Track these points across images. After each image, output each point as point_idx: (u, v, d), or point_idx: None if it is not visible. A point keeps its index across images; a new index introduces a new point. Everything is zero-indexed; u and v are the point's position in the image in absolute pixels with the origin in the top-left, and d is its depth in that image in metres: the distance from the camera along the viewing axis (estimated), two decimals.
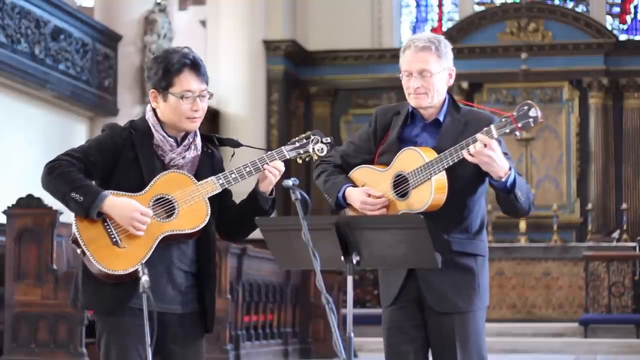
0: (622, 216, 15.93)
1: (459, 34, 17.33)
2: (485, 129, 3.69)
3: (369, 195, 3.90)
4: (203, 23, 17.55)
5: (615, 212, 16.71)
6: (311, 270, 3.80)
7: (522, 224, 15.23)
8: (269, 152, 3.80)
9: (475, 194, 3.89)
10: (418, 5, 18.94)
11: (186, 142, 3.78)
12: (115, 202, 3.63)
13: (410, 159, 3.83)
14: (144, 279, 3.44)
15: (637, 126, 17.11)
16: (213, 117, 16.02)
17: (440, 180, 3.77)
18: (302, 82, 17.84)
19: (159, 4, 13.52)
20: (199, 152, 3.81)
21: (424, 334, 3.91)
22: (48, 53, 11.86)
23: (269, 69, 17.08)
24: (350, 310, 3.47)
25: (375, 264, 3.72)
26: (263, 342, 10.07)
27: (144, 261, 3.61)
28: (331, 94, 17.92)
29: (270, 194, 3.84)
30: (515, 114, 3.67)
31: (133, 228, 3.62)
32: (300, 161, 3.87)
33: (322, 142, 3.84)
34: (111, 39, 13.23)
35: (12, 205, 7.72)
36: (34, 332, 7.53)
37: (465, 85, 17.00)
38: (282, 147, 3.84)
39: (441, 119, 3.93)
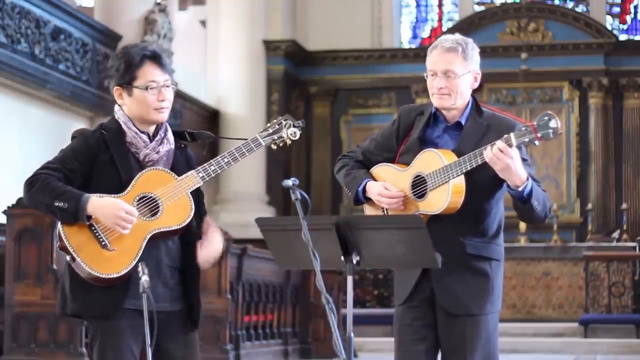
0: (622, 216, 15.93)
1: (459, 34, 17.29)
2: (505, 136, 3.69)
3: (386, 189, 3.90)
4: (203, 23, 17.54)
5: (615, 212, 16.71)
6: (311, 270, 3.80)
7: (522, 224, 15.22)
8: (245, 141, 3.80)
9: (493, 197, 3.89)
10: (418, 5, 18.92)
11: (158, 137, 3.79)
12: (100, 203, 3.62)
13: (429, 160, 3.84)
14: (144, 278, 3.45)
15: (637, 126, 17.11)
16: (213, 117, 16.01)
17: (458, 183, 3.77)
18: (302, 82, 17.83)
19: (159, 4, 13.52)
20: (172, 146, 3.82)
21: (434, 333, 3.91)
22: (48, 53, 11.86)
23: (269, 69, 17.07)
24: (350, 310, 3.47)
25: (375, 264, 3.72)
26: (263, 342, 10.07)
27: (134, 262, 3.61)
28: (331, 94, 17.92)
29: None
30: (535, 123, 3.66)
31: (119, 227, 3.61)
32: (274, 147, 3.88)
33: (294, 126, 3.84)
34: (111, 39, 13.22)
35: (12, 205, 7.72)
36: (34, 332, 7.53)
37: None
38: (257, 135, 3.84)
39: (463, 122, 3.93)
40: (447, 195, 3.77)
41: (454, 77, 3.87)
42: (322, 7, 17.95)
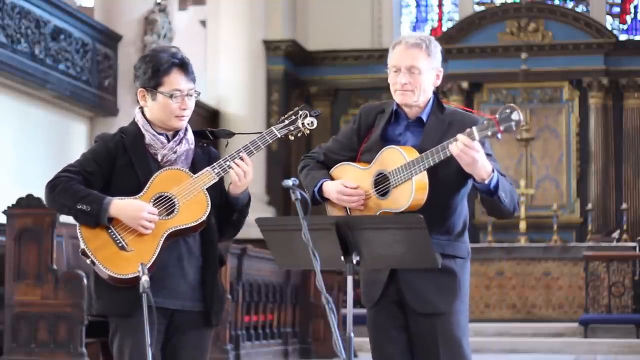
0: (622, 216, 15.93)
1: (459, 34, 17.33)
2: (467, 130, 3.64)
3: (346, 187, 3.88)
4: (203, 23, 17.55)
5: (615, 212, 16.72)
6: (311, 270, 3.81)
7: (522, 224, 15.23)
8: (260, 134, 3.83)
9: (457, 194, 3.87)
10: (418, 5, 18.94)
11: (177, 137, 3.83)
12: (122, 204, 3.69)
13: (391, 157, 3.80)
14: (144, 279, 3.48)
15: (637, 126, 17.11)
16: (213, 117, 16.01)
17: (421, 180, 3.73)
18: (302, 82, 17.84)
19: (159, 4, 13.51)
20: (192, 146, 3.85)
21: (406, 335, 3.90)
22: (48, 53, 11.85)
23: (269, 69, 17.08)
24: (350, 310, 3.47)
25: (375, 264, 3.72)
26: (263, 342, 10.07)
27: (152, 261, 3.65)
28: (331, 94, 17.93)
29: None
30: (497, 116, 3.62)
31: (142, 227, 3.67)
32: (292, 138, 3.90)
33: (310, 115, 3.87)
34: (111, 39, 13.22)
35: (12, 205, 7.71)
36: (34, 332, 7.52)
37: (465, 85, 17.01)
38: (272, 127, 3.87)
39: (424, 118, 3.90)
40: (410, 193, 3.73)
41: (418, 73, 3.85)
42: (322, 7, 17.96)
